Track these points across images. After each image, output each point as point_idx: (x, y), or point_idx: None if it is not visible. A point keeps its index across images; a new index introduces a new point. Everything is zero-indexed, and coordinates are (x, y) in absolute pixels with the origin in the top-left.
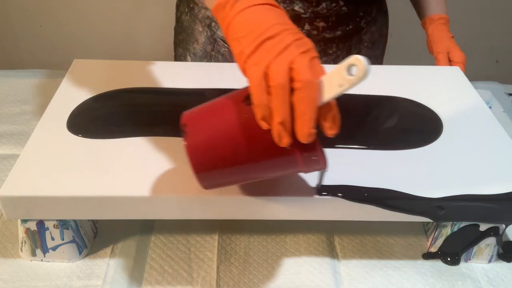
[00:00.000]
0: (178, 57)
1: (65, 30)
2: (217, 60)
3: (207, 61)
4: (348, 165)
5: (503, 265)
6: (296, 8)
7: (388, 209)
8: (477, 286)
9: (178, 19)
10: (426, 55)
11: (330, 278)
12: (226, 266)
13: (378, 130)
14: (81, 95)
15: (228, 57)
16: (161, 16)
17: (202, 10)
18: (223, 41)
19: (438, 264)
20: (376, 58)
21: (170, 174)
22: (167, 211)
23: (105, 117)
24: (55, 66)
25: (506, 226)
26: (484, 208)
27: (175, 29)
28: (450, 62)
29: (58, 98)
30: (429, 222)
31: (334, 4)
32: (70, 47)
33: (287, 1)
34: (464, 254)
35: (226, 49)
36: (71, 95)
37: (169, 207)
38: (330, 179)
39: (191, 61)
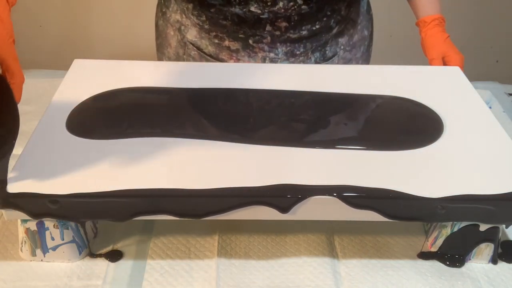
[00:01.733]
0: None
1: (65, 30)
2: None
3: None
4: (349, 165)
5: (503, 265)
6: (252, 9)
7: (387, 218)
8: (477, 286)
9: (156, 24)
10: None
11: (330, 278)
12: (226, 266)
13: (379, 131)
14: (81, 95)
15: (198, 60)
16: None
17: (173, 14)
18: (193, 44)
19: (438, 264)
20: (357, 60)
21: (170, 174)
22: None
23: (104, 117)
24: (55, 66)
25: (507, 227)
26: (484, 208)
27: (155, 34)
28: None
29: (58, 98)
30: (429, 222)
31: (291, 3)
32: (70, 47)
33: (242, 3)
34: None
35: (196, 52)
36: (71, 95)
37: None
38: (330, 179)
39: None
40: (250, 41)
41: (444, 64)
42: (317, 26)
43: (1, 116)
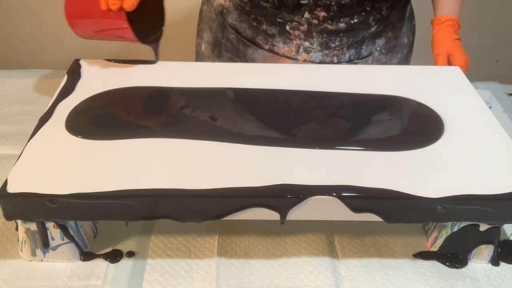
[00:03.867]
0: (196, 48)
1: (65, 30)
2: (227, 48)
3: (218, 49)
4: (349, 165)
5: (503, 265)
6: None
7: (387, 221)
8: (477, 286)
9: (200, 10)
10: (426, 55)
11: (330, 278)
12: (226, 266)
13: (379, 130)
14: (81, 95)
15: (235, 44)
16: None
17: None
18: (232, 27)
19: (438, 264)
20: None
21: (169, 174)
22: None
23: (104, 117)
24: (55, 66)
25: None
26: (484, 208)
27: (198, 20)
28: (450, 65)
29: (58, 98)
30: (429, 222)
31: None
32: (70, 47)
33: None
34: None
35: (234, 36)
36: (71, 95)
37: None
38: (330, 179)
39: (204, 49)
40: (287, 27)
41: (449, 63)
42: (355, 20)
43: (151, 10)
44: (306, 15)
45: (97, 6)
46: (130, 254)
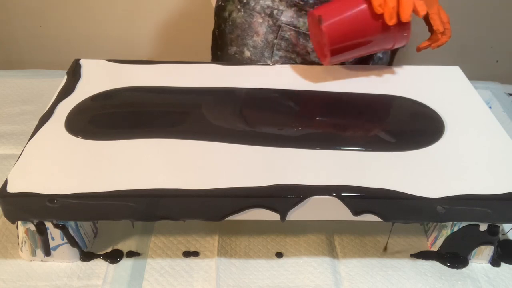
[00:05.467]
0: (229, 57)
1: (65, 30)
2: (279, 48)
3: (269, 50)
4: (349, 166)
5: (503, 265)
6: None
7: (387, 221)
8: (477, 286)
9: (226, 20)
10: (426, 55)
11: (330, 278)
12: (226, 266)
13: (379, 131)
14: (81, 95)
15: (293, 41)
16: (161, 16)
17: (260, 1)
18: (289, 25)
19: (438, 264)
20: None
21: (169, 174)
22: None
23: (103, 117)
24: (55, 66)
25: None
26: (484, 208)
27: (221, 31)
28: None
29: (58, 98)
30: (429, 222)
31: None
32: (70, 47)
33: None
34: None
35: (292, 32)
36: (71, 95)
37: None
38: (330, 179)
39: (250, 55)
40: None
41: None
42: None
43: None
44: None
45: (364, 23)
46: (130, 254)
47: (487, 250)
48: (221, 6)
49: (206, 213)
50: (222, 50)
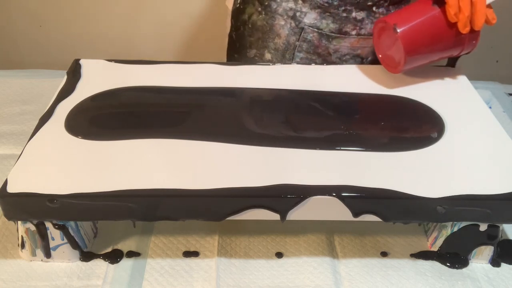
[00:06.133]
0: (248, 59)
1: (65, 30)
2: (301, 49)
3: (290, 52)
4: (349, 166)
5: (503, 265)
6: None
7: (387, 221)
8: (477, 286)
9: (245, 22)
10: None
11: (330, 278)
12: (226, 266)
13: (379, 131)
14: (81, 95)
15: (315, 42)
16: (161, 16)
17: (283, 3)
18: (312, 27)
19: (438, 264)
20: None
21: (169, 174)
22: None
23: (103, 117)
24: (55, 66)
25: None
26: (484, 208)
27: (240, 33)
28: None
29: (58, 98)
30: (429, 222)
31: None
32: (70, 47)
33: None
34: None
35: (315, 34)
36: (71, 95)
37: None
38: (330, 179)
39: (271, 57)
40: (374, 8)
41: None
42: None
43: None
44: None
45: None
46: (130, 254)
47: (487, 250)
48: (240, 9)
49: (206, 213)
50: (240, 52)
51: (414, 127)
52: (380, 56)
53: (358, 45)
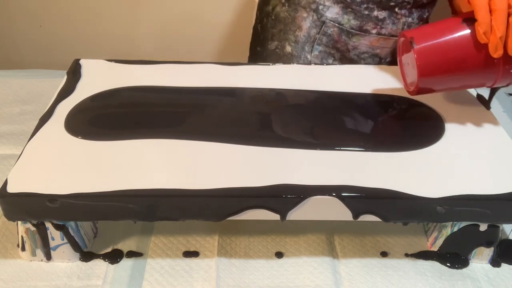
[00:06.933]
0: (269, 52)
1: (65, 30)
2: (320, 42)
3: (309, 45)
4: (349, 166)
5: (503, 265)
6: None
7: (387, 221)
8: (477, 286)
9: (268, 14)
10: None
11: (330, 278)
12: (226, 266)
13: (379, 131)
14: (81, 95)
15: (335, 37)
16: (161, 16)
17: None
18: (333, 21)
19: (438, 264)
20: None
21: (169, 174)
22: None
23: (102, 117)
24: (55, 66)
25: None
26: (484, 208)
27: (263, 25)
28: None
29: (58, 98)
30: (429, 222)
31: None
32: (70, 47)
33: None
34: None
35: (335, 29)
36: (71, 95)
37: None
38: (330, 179)
39: (291, 50)
40: (396, 9)
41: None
42: None
43: None
44: None
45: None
46: (130, 254)
47: (487, 250)
48: (265, 1)
49: (206, 213)
50: (263, 45)
51: (414, 127)
52: (402, 74)
53: (377, 45)
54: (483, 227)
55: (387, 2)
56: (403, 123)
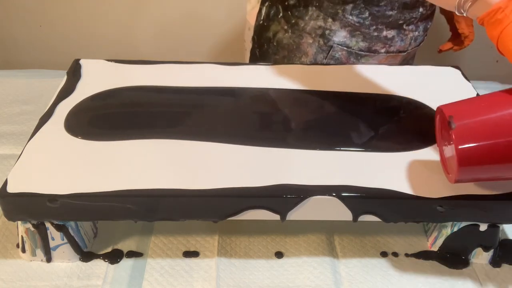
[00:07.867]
0: None
1: (65, 30)
2: None
3: None
4: (349, 166)
5: (503, 265)
6: None
7: (387, 221)
8: (477, 286)
9: (269, 40)
10: (426, 55)
11: (330, 278)
12: (226, 266)
13: (379, 131)
14: (81, 95)
15: (343, 60)
16: (161, 16)
17: (312, 21)
18: (341, 45)
19: (438, 264)
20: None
21: (169, 174)
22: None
23: (102, 117)
24: (55, 66)
25: None
26: (484, 208)
27: (264, 51)
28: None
29: (58, 98)
30: (429, 222)
31: None
32: (70, 47)
33: None
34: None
35: (344, 52)
36: (71, 95)
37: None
38: (330, 179)
39: None
40: (404, 26)
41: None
42: None
43: None
44: (421, 9)
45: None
46: (130, 254)
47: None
48: (264, 26)
49: (206, 213)
50: None
51: (414, 127)
52: (441, 155)
53: (386, 62)
54: (483, 227)
55: (396, 21)
56: (403, 123)
